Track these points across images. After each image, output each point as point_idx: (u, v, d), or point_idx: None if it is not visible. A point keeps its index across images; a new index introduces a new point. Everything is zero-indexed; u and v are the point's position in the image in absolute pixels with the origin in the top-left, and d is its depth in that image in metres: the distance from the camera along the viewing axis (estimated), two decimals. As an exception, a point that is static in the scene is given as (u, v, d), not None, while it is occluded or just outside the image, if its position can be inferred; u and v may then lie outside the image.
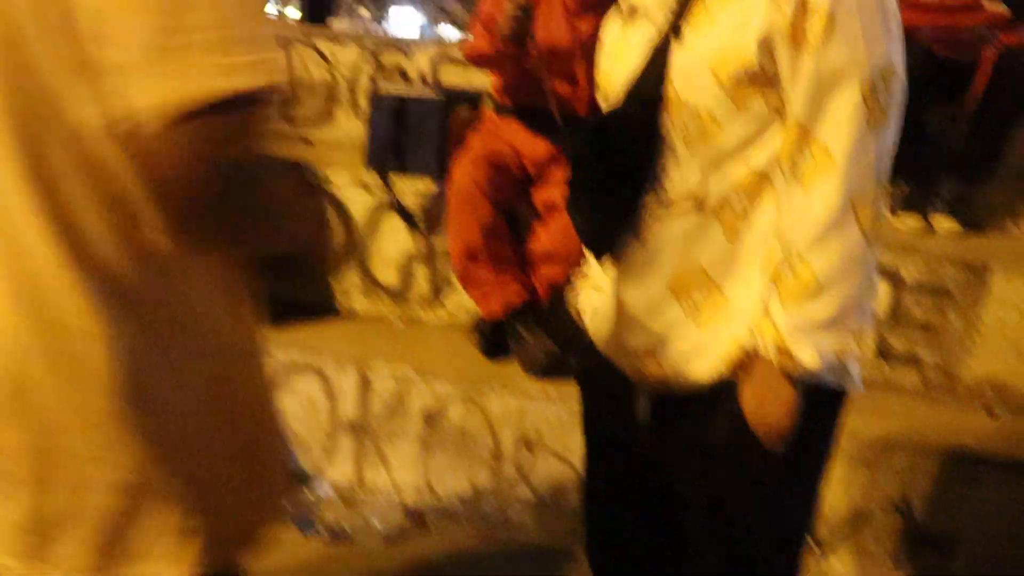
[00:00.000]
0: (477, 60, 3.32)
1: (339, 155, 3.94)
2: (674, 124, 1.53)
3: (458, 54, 4.06)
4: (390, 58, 4.18)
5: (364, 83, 4.18)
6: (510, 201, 3.24)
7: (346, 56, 4.20)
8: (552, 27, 3.29)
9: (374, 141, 3.61)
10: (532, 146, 3.26)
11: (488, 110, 3.51)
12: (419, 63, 4.16)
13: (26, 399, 1.03)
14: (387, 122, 3.58)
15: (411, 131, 3.57)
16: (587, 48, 2.79)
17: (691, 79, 1.49)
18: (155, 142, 0.93)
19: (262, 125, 1.01)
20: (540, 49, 3.12)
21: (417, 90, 3.66)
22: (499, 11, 3.14)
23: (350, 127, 4.18)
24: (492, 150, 3.25)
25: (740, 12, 1.45)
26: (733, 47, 1.45)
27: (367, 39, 4.22)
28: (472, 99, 3.66)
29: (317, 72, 4.23)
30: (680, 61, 1.50)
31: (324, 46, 4.22)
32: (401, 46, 4.19)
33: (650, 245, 1.59)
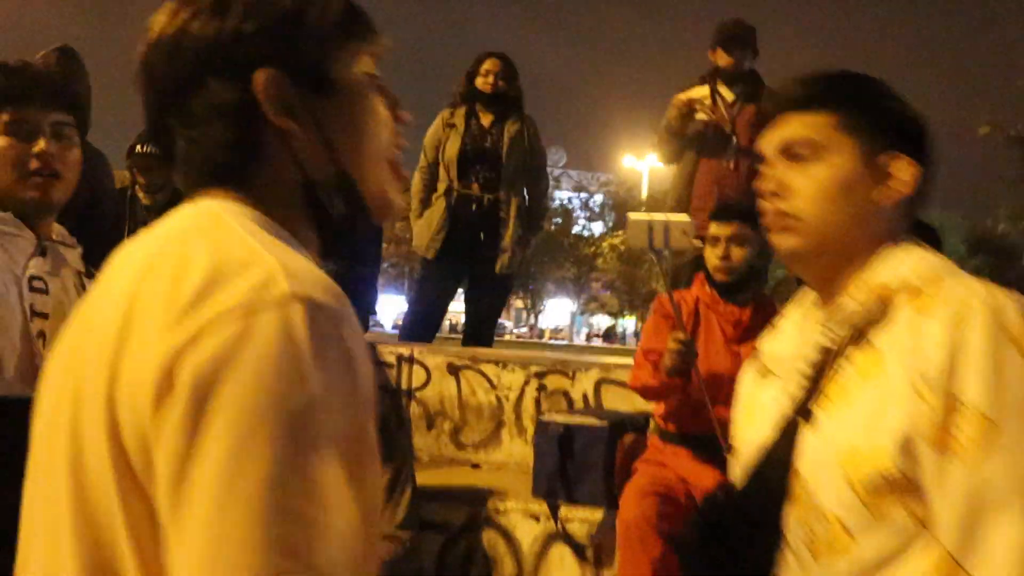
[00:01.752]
0: (643, 392, 3.40)
1: (506, 478, 4.01)
2: (799, 525, 1.32)
3: (620, 376, 4.17)
4: (554, 381, 4.32)
5: (529, 407, 4.31)
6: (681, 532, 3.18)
7: (511, 379, 4.36)
8: (712, 354, 3.36)
9: (540, 469, 3.66)
10: (699, 475, 3.23)
11: (653, 437, 3.54)
12: (583, 386, 4.27)
13: None
14: (553, 450, 3.64)
15: (577, 459, 3.61)
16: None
17: (820, 474, 1.29)
18: None
19: None
20: (702, 377, 3.17)
21: (581, 416, 3.73)
22: (662, 345, 3.23)
23: (516, 450, 4.27)
24: (659, 480, 3.24)
25: (879, 395, 1.26)
26: (869, 446, 1.24)
27: (533, 363, 4.38)
28: (637, 426, 3.71)
29: (484, 396, 4.38)
30: (810, 449, 1.32)
31: (489, 369, 4.40)
32: (565, 368, 4.33)
33: None
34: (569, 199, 42.95)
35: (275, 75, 0.91)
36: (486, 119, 5.39)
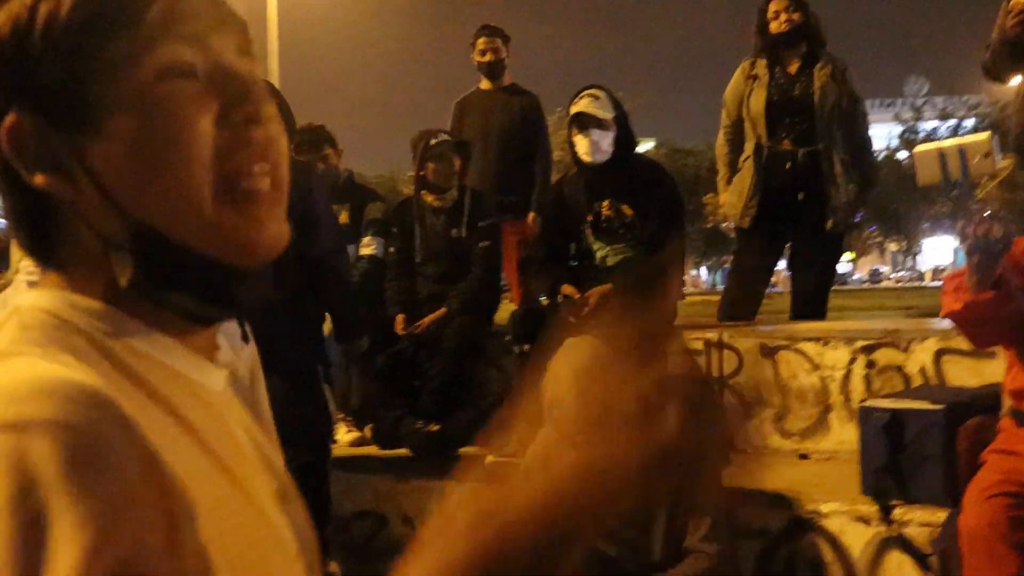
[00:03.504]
0: (955, 320, 2.80)
1: (836, 471, 3.56)
2: None
3: (963, 344, 3.54)
4: (885, 355, 3.77)
5: (858, 387, 3.80)
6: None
7: (834, 357, 3.87)
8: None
9: (868, 464, 3.18)
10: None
11: (1006, 420, 2.93)
12: (920, 358, 3.69)
13: None
14: (880, 440, 3.14)
15: (910, 450, 3.09)
16: None
17: None
18: None
19: None
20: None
21: (912, 399, 3.19)
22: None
23: (848, 436, 3.77)
24: (1012, 476, 2.67)
25: None
26: None
27: (858, 336, 3.85)
28: (984, 407, 3.10)
29: (805, 378, 3.93)
30: None
31: (809, 348, 3.93)
32: (896, 340, 3.76)
33: None
34: (934, 129, 39.45)
35: (15, 122, 0.69)
36: (792, 65, 4.87)
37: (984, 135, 2.50)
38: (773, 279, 5.48)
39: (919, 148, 2.60)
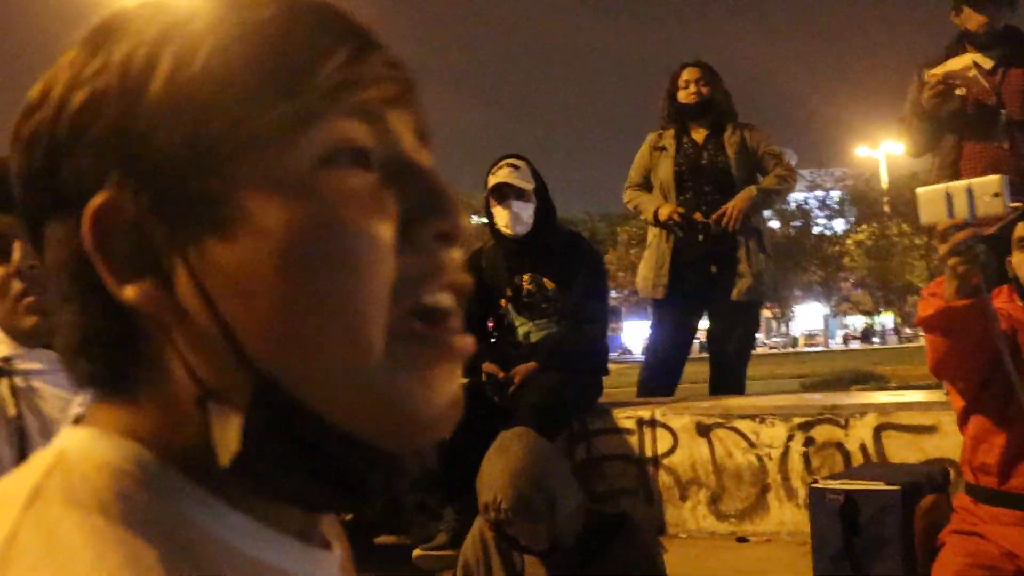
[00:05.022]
0: (924, 325, 2.66)
1: (779, 553, 3.41)
2: None
3: (905, 418, 3.48)
4: (823, 432, 3.67)
5: (797, 465, 3.68)
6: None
7: (771, 435, 3.75)
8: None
9: (821, 549, 3.03)
10: (1032, 546, 2.53)
11: (962, 497, 2.84)
12: (859, 434, 3.60)
13: None
14: (834, 524, 3.00)
15: (865, 533, 2.96)
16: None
17: None
18: None
19: None
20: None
21: (863, 479, 3.08)
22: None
23: (787, 517, 3.65)
24: (978, 559, 2.56)
25: None
26: None
27: (795, 413, 3.74)
28: (936, 484, 3.02)
29: (742, 456, 3.79)
30: None
31: (745, 425, 3.81)
32: (834, 416, 3.67)
33: None
34: (805, 200, 41.09)
35: (109, 202, 0.46)
36: (699, 135, 4.84)
37: (995, 176, 2.41)
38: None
39: (922, 189, 2.49)
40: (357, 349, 0.45)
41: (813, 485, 3.18)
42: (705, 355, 5.27)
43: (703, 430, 3.86)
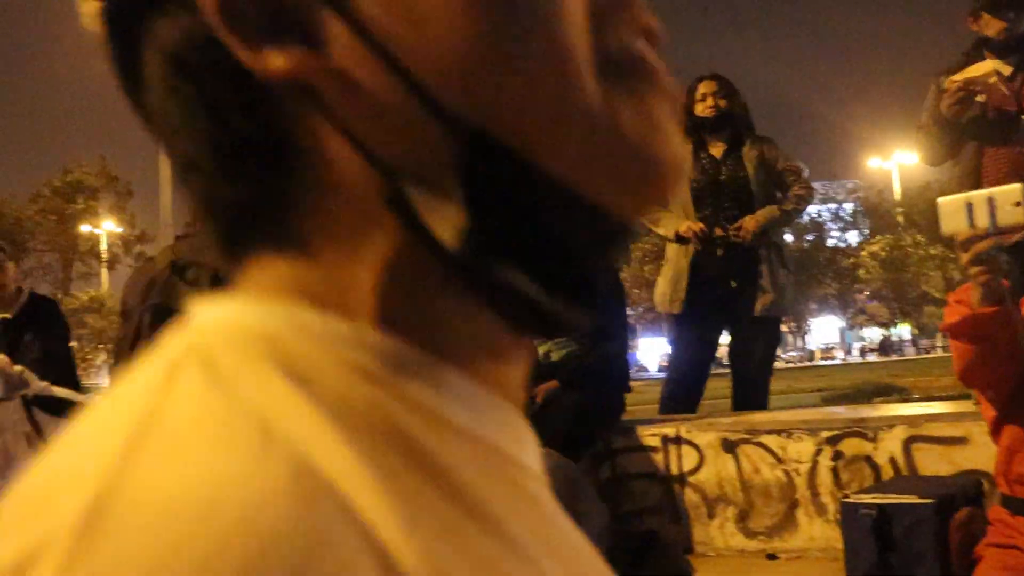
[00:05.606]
0: (951, 332, 2.62)
1: (810, 570, 3.36)
2: None
3: (935, 429, 3.42)
4: (851, 446, 3.61)
5: (826, 480, 3.62)
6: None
7: (798, 450, 3.70)
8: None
9: (855, 565, 2.98)
10: (1076, 560, 2.47)
11: (998, 509, 2.78)
12: (888, 447, 3.54)
13: None
14: (867, 540, 2.95)
15: (900, 548, 2.90)
16: None
17: None
18: None
19: None
20: None
21: (896, 493, 3.02)
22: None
23: (817, 533, 3.59)
24: (1016, 572, 2.51)
25: None
26: None
27: (822, 427, 3.69)
28: (969, 496, 2.96)
29: (769, 472, 3.74)
30: None
31: (771, 441, 3.76)
32: (862, 430, 3.61)
33: None
34: (819, 212, 41.00)
35: None
36: (716, 149, 4.80)
37: (1016, 185, 2.37)
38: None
39: (943, 199, 2.46)
40: (568, 80, 0.36)
41: (845, 500, 3.13)
42: (723, 371, 5.22)
43: (729, 446, 3.81)
